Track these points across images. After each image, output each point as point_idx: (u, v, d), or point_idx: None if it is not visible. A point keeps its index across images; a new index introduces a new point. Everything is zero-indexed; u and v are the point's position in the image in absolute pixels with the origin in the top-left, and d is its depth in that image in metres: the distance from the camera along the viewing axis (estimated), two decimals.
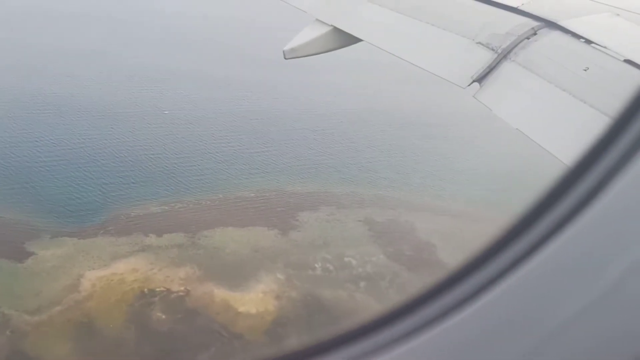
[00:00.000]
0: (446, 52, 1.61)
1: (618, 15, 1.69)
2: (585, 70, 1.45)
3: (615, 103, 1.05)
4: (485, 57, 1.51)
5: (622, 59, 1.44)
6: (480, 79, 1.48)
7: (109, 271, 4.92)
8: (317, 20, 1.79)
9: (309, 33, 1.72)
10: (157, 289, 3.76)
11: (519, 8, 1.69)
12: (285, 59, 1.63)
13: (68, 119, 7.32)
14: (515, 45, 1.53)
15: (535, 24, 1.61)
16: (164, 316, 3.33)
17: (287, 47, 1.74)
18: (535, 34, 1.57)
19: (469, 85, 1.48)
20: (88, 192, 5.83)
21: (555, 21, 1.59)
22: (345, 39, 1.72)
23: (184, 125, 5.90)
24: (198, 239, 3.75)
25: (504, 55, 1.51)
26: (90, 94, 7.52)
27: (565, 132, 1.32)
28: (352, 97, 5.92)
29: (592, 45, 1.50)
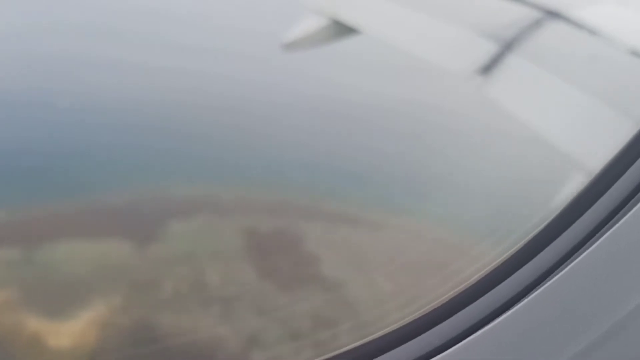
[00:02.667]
0: (448, 43, 1.56)
1: (623, 5, 1.59)
2: (589, 61, 1.39)
3: (621, 95, 1.08)
4: (488, 48, 1.49)
5: (628, 49, 1.37)
6: (484, 70, 1.40)
7: None
8: (315, 11, 1.67)
9: (308, 25, 1.61)
10: None
11: None
12: (285, 52, 1.51)
13: None
14: (519, 36, 1.51)
15: (539, 14, 1.54)
16: None
17: (286, 40, 1.58)
18: (539, 24, 1.52)
19: (471, 76, 1.38)
20: None
21: (559, 11, 1.49)
22: (345, 31, 1.61)
23: (73, 121, 4.92)
24: (35, 254, 2.96)
25: (507, 46, 1.48)
26: None
27: (570, 125, 1.24)
28: (320, 90, 5.05)
29: (597, 36, 1.43)
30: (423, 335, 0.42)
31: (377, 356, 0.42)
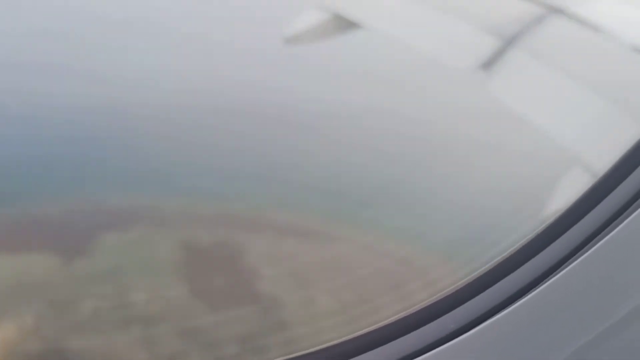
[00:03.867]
0: (451, 38, 1.54)
1: (626, 2, 1.62)
2: (592, 57, 1.41)
3: (622, 92, 1.09)
4: (490, 44, 1.49)
5: (630, 46, 1.42)
6: (486, 65, 1.40)
7: None
8: (317, 5, 1.73)
9: (310, 19, 1.66)
10: None
11: None
12: (287, 45, 1.56)
13: None
14: (522, 32, 1.50)
15: (541, 10, 1.56)
16: None
17: (287, 34, 1.63)
18: (541, 20, 1.53)
19: (473, 72, 1.38)
20: None
21: (561, 7, 1.51)
22: (347, 25, 1.66)
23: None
24: None
25: (510, 42, 1.49)
26: None
27: (573, 121, 1.24)
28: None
29: (600, 32, 1.46)
30: (407, 336, 0.41)
31: (353, 356, 0.42)
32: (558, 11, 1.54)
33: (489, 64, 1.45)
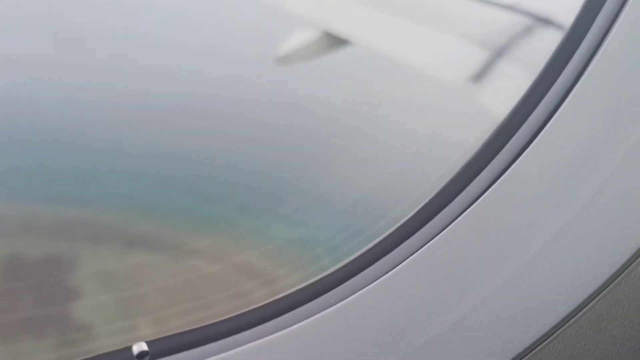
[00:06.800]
0: (440, 51, 1.65)
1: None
2: None
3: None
4: (480, 56, 1.55)
5: None
6: (476, 78, 1.47)
7: None
8: (306, 24, 1.64)
9: (300, 38, 1.64)
10: None
11: (513, 6, 1.64)
12: (278, 65, 1.52)
13: None
14: (511, 44, 1.57)
15: (529, 21, 1.58)
16: None
17: (278, 54, 1.57)
18: (530, 31, 1.56)
19: (464, 85, 1.44)
20: None
21: (550, 18, 1.52)
22: (337, 43, 1.66)
23: None
24: None
25: (499, 54, 1.56)
26: None
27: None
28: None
29: None
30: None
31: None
32: (546, 22, 1.52)
33: (479, 76, 1.51)
